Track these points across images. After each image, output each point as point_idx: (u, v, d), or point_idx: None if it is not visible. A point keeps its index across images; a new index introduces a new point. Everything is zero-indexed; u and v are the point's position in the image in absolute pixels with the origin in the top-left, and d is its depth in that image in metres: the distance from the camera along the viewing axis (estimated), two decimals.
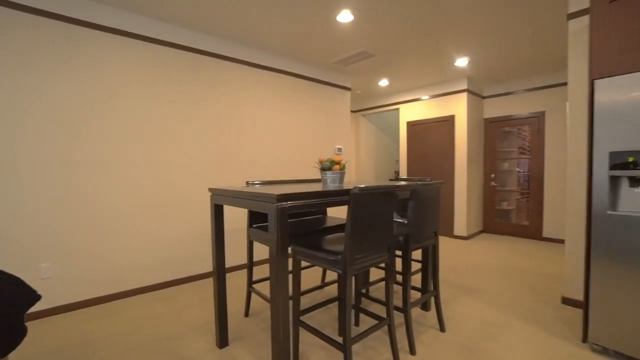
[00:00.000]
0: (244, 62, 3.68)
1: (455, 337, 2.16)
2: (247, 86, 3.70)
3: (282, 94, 4.06)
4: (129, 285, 2.91)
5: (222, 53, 3.49)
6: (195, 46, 3.28)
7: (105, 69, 2.76)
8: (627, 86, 1.81)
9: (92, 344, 2.13)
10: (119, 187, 2.83)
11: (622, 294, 1.84)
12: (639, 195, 1.83)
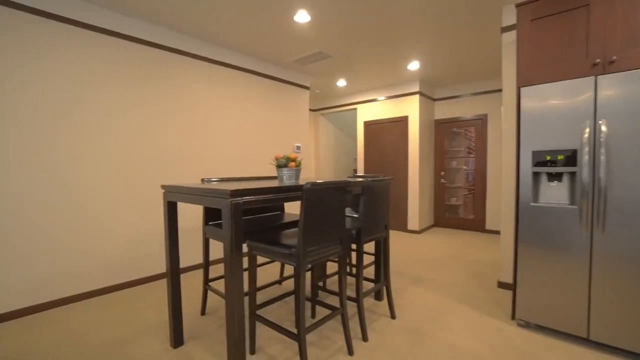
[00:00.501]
0: (202, 58, 3.59)
1: (404, 323, 2.32)
2: (205, 83, 3.62)
3: (241, 91, 4.03)
4: (75, 291, 2.73)
5: (179, 48, 3.38)
6: (151, 39, 3.15)
7: (51, 64, 2.56)
8: (544, 94, 2.07)
9: (30, 357, 1.98)
10: (64, 187, 2.65)
11: (541, 274, 2.11)
12: (554, 189, 2.10)
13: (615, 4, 1.95)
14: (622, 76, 1.83)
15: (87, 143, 2.78)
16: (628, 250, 1.83)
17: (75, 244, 2.73)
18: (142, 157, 3.13)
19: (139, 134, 3.10)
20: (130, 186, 3.06)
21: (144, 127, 3.13)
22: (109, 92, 2.90)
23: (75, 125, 2.72)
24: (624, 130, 1.83)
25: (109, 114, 2.90)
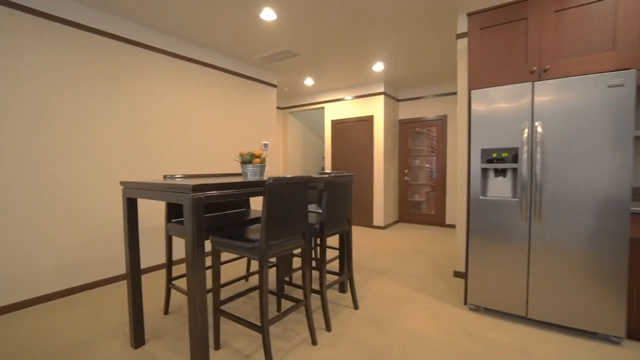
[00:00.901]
0: (167, 53, 3.50)
1: (367, 313, 2.43)
2: (170, 78, 3.53)
3: (208, 87, 3.97)
4: (28, 295, 2.57)
5: (143, 41, 3.27)
6: (114, 32, 3.02)
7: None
8: (491, 97, 2.26)
9: None
10: (15, 187, 2.48)
11: (489, 261, 2.30)
12: (500, 183, 2.30)
13: (548, 20, 2.17)
14: (555, 83, 2.05)
15: (38, 140, 2.62)
16: (559, 237, 2.06)
17: (28, 246, 2.57)
18: (101, 154, 3.00)
19: (96, 130, 2.97)
20: (87, 184, 2.92)
21: (102, 122, 3.00)
22: (64, 86, 2.75)
23: (24, 120, 2.55)
24: (556, 131, 2.05)
25: (62, 108, 2.76)
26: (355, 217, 5.94)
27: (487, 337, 2.06)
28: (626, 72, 1.86)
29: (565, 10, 2.13)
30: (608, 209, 1.92)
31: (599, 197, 1.95)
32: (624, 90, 1.86)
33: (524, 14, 2.26)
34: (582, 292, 2.01)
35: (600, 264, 1.95)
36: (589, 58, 2.06)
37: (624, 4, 1.96)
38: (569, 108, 2.01)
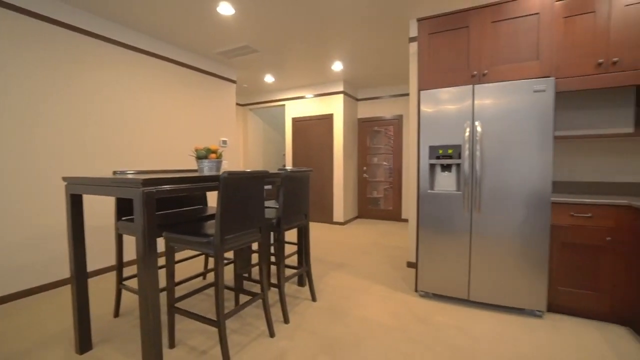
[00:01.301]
0: (118, 43, 3.30)
1: (324, 304, 2.51)
2: (121, 70, 3.34)
3: (164, 81, 3.81)
4: None
5: (89, 29, 3.05)
6: (57, 18, 2.79)
7: None
8: (438, 98, 2.44)
9: None
10: None
11: (436, 251, 2.49)
12: (445, 178, 2.49)
13: (486, 29, 2.39)
14: (492, 86, 2.26)
15: None
16: (495, 226, 2.28)
17: None
18: (44, 149, 2.77)
19: (37, 123, 2.74)
20: (29, 182, 2.69)
21: (43, 115, 2.77)
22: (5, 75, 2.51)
23: None
24: (493, 130, 2.27)
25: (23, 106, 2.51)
26: (315, 213, 6.03)
27: (433, 320, 2.23)
28: (547, 79, 2.11)
29: (500, 22, 2.36)
30: (534, 200, 2.17)
31: (527, 190, 2.19)
32: (545, 95, 2.11)
33: (466, 22, 2.46)
34: (513, 275, 2.25)
35: (528, 248, 2.20)
36: (519, 65, 2.30)
37: (544, 21, 2.22)
38: (504, 109, 2.23)
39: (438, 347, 1.91)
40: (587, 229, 2.14)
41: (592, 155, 2.60)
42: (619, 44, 2.18)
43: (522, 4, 2.29)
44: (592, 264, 2.15)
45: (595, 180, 2.60)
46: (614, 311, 2.11)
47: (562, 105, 2.67)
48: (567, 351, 1.86)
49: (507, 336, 2.02)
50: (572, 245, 2.19)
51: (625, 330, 2.08)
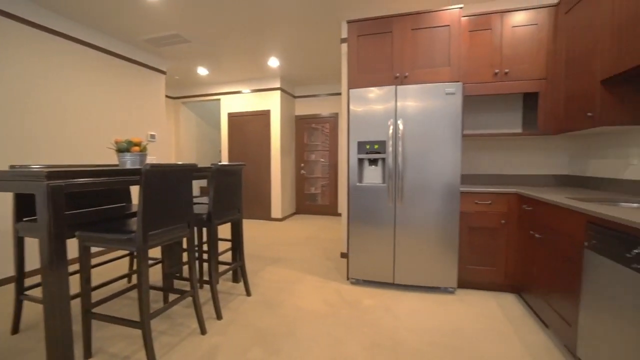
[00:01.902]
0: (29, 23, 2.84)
1: (259, 298, 2.52)
2: (32, 53, 2.88)
3: (83, 69, 3.40)
4: None
5: None
6: None
7: None
8: (365, 97, 2.60)
9: None
10: None
11: (365, 240, 2.66)
12: (372, 172, 2.68)
13: (407, 35, 2.62)
14: (412, 88, 2.50)
15: None
16: (416, 215, 2.53)
17: None
18: None
19: None
20: None
21: None
22: None
23: None
24: (414, 128, 2.50)
25: None
26: (253, 210, 5.96)
27: (362, 304, 2.39)
28: (456, 83, 2.40)
29: (419, 29, 2.61)
30: (447, 191, 2.46)
31: (441, 182, 2.47)
32: (455, 97, 2.40)
33: (390, 27, 2.67)
34: (430, 258, 2.52)
35: (442, 234, 2.49)
36: (434, 70, 2.58)
37: (454, 33, 2.52)
38: (422, 109, 2.48)
39: (365, 328, 2.06)
40: (488, 214, 2.50)
41: (492, 151, 3.03)
42: (509, 58, 2.58)
43: (436, 16, 2.57)
44: (491, 243, 2.52)
45: (494, 172, 3.03)
46: (507, 282, 2.50)
47: (470, 108, 3.05)
48: (470, 318, 2.15)
49: (424, 312, 2.26)
50: (477, 228, 2.54)
51: (514, 296, 2.49)
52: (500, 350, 1.81)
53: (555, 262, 1.84)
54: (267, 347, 1.87)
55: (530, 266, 2.19)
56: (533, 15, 2.55)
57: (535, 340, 1.90)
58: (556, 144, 2.89)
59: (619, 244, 1.29)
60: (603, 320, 1.39)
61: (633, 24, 1.66)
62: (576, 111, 2.19)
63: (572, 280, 1.65)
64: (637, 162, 2.06)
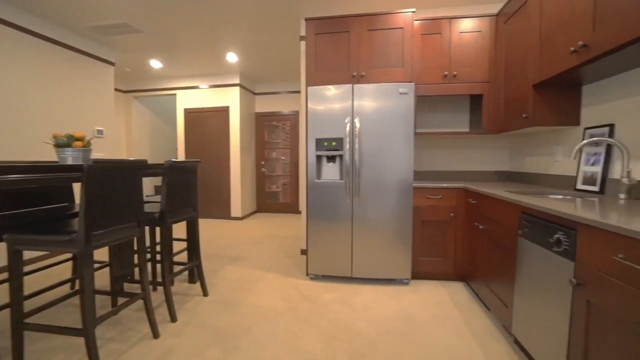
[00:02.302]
0: None
1: (217, 297, 2.46)
2: None
3: (16, 57, 3.06)
4: None
5: None
6: None
7: None
8: (323, 94, 2.64)
9: None
10: None
11: (323, 235, 2.71)
12: (330, 168, 2.73)
13: (363, 36, 2.70)
14: (369, 87, 2.57)
15: None
16: (372, 210, 2.62)
17: None
18: None
19: None
20: None
21: None
22: None
23: None
24: (370, 126, 2.58)
25: None
26: (212, 209, 5.78)
27: (320, 298, 2.43)
28: (409, 84, 2.52)
29: (374, 30, 2.70)
30: (401, 187, 2.57)
31: (396, 177, 2.58)
32: (408, 97, 2.52)
33: (347, 27, 2.73)
34: (386, 251, 2.63)
35: (397, 227, 2.60)
36: (388, 70, 2.68)
37: (407, 35, 2.64)
38: (378, 108, 2.57)
39: (323, 322, 2.10)
40: (438, 208, 2.66)
41: (442, 149, 3.22)
42: (457, 61, 2.76)
43: (391, 19, 2.67)
44: (442, 236, 2.68)
45: (444, 169, 3.22)
46: (455, 271, 2.68)
47: (422, 108, 3.21)
48: (422, 307, 2.28)
49: (380, 303, 2.35)
50: (428, 222, 2.68)
51: (462, 284, 2.68)
52: (447, 334, 1.94)
53: (496, 251, 2.01)
54: (225, 346, 1.83)
55: (475, 255, 2.37)
56: (477, 23, 2.75)
57: (479, 323, 2.06)
58: (498, 143, 3.14)
59: (544, 231, 1.44)
60: (531, 299, 1.54)
61: (552, 37, 1.85)
62: (514, 112, 2.39)
63: (508, 266, 1.81)
64: (562, 159, 2.31)
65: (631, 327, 0.97)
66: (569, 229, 1.27)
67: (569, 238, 1.26)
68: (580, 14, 1.62)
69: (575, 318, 1.22)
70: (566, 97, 2.12)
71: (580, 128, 2.13)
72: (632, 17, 1.30)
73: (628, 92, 1.74)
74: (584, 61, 1.59)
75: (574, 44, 1.66)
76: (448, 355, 1.72)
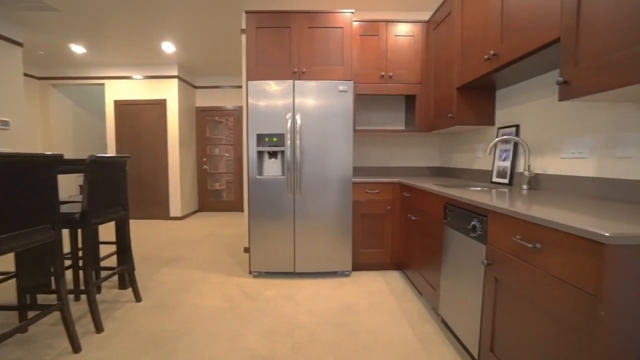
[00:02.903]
0: None
1: (152, 302, 2.31)
2: None
3: None
4: None
5: None
6: None
7: None
8: (264, 89, 2.61)
9: None
10: None
11: (266, 232, 2.69)
12: (272, 164, 2.72)
13: (304, 33, 2.72)
14: (310, 83, 2.60)
15: None
16: (314, 206, 2.66)
17: None
18: None
19: None
20: None
21: None
22: None
23: None
24: (311, 122, 2.62)
25: None
26: (149, 209, 5.39)
27: (263, 295, 2.42)
28: (348, 82, 2.60)
29: (315, 28, 2.74)
30: (341, 182, 2.66)
31: (337, 173, 2.65)
32: (348, 95, 2.60)
33: (288, 23, 2.73)
34: (328, 244, 2.70)
35: (338, 221, 2.68)
36: (329, 68, 2.74)
37: (346, 35, 2.73)
38: (319, 105, 2.61)
39: (265, 318, 2.09)
40: (376, 202, 2.79)
41: (380, 146, 3.39)
42: (393, 63, 2.92)
43: (331, 17, 2.73)
44: (379, 228, 2.82)
45: (381, 165, 3.40)
46: (392, 261, 2.85)
47: (361, 106, 3.35)
48: (361, 296, 2.39)
49: (322, 295, 2.41)
50: (367, 215, 2.81)
51: (399, 273, 2.86)
52: (383, 319, 2.06)
53: (426, 239, 2.18)
54: (160, 351, 1.73)
55: (409, 245, 2.54)
56: (411, 28, 2.93)
57: (412, 307, 2.22)
58: (429, 140, 3.40)
59: (463, 219, 1.60)
60: (454, 282, 1.71)
61: (471, 45, 2.06)
62: (442, 112, 2.61)
63: (436, 253, 1.98)
64: (482, 155, 2.58)
65: (523, 294, 1.13)
66: (482, 216, 1.43)
67: (482, 224, 1.42)
68: (492, 26, 1.82)
69: (486, 294, 1.38)
70: (484, 100, 2.37)
71: (495, 128, 2.40)
72: (528, 33, 1.50)
73: (529, 97, 2.01)
74: (495, 68, 1.80)
75: (487, 52, 1.86)
76: (383, 340, 1.83)
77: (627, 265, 0.82)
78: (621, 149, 1.42)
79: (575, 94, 1.24)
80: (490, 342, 1.35)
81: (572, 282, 0.92)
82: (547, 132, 1.86)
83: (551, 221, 0.97)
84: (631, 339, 0.84)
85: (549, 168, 1.85)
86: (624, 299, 0.82)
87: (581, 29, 1.22)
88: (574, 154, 1.68)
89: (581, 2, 1.22)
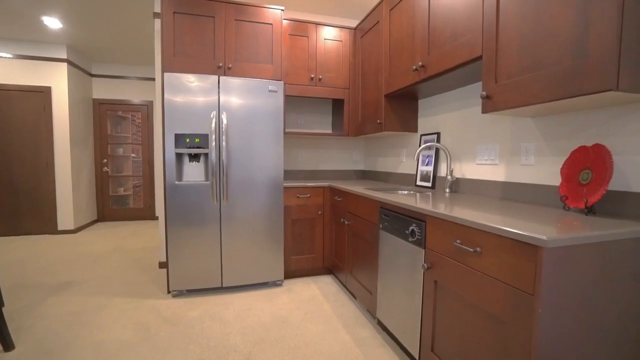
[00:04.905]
0: None
1: (31, 346, 1.81)
2: None
3: None
4: None
5: None
6: None
7: None
8: (184, 83, 2.30)
9: None
10: None
11: (187, 244, 2.38)
12: (194, 168, 2.42)
13: (230, 25, 2.50)
14: (236, 80, 2.39)
15: None
16: (243, 213, 2.46)
17: None
18: None
19: None
20: None
21: None
22: None
23: None
24: (239, 122, 2.41)
25: None
26: (27, 222, 4.34)
27: (185, 318, 2.12)
28: (279, 82, 2.48)
29: (243, 21, 2.54)
30: (271, 186, 2.51)
31: (266, 177, 2.50)
32: (277, 95, 2.48)
33: (212, 12, 2.47)
34: (258, 254, 2.52)
35: (268, 229, 2.53)
36: (257, 65, 2.58)
37: (276, 32, 2.60)
38: (247, 104, 2.42)
39: (191, 345, 1.82)
40: (307, 206, 2.73)
41: (310, 149, 3.35)
42: (322, 66, 2.90)
43: (260, 12, 2.56)
44: (311, 233, 2.77)
45: (311, 168, 3.37)
46: (324, 265, 2.83)
47: (291, 108, 3.25)
48: (296, 306, 2.29)
49: (253, 309, 2.23)
50: (298, 220, 2.73)
51: (331, 277, 2.85)
52: (321, 328, 1.99)
53: (360, 244, 2.19)
54: None
55: (342, 249, 2.54)
56: (339, 33, 2.96)
57: (347, 312, 2.21)
58: (356, 144, 3.50)
59: (401, 224, 1.63)
60: (392, 285, 1.74)
61: (399, 55, 2.16)
62: (369, 117, 2.68)
63: (372, 257, 2.00)
64: (406, 160, 2.74)
65: (462, 295, 1.19)
66: (420, 221, 1.47)
67: (420, 229, 1.46)
68: (420, 39, 1.92)
69: (426, 296, 1.43)
70: (408, 107, 2.51)
71: (418, 134, 2.57)
72: (454, 47, 1.61)
73: (447, 108, 2.19)
74: (423, 78, 1.90)
75: (415, 63, 1.95)
76: (323, 350, 1.76)
77: (560, 265, 0.90)
78: (524, 157, 1.63)
79: (496, 107, 1.36)
80: (431, 343, 1.39)
81: (510, 283, 0.98)
82: (465, 140, 2.05)
83: (492, 226, 1.03)
84: (561, 332, 0.92)
85: (466, 173, 2.03)
86: (557, 296, 0.90)
87: (499, 50, 1.35)
88: (487, 160, 1.87)
89: (499, 27, 1.35)
